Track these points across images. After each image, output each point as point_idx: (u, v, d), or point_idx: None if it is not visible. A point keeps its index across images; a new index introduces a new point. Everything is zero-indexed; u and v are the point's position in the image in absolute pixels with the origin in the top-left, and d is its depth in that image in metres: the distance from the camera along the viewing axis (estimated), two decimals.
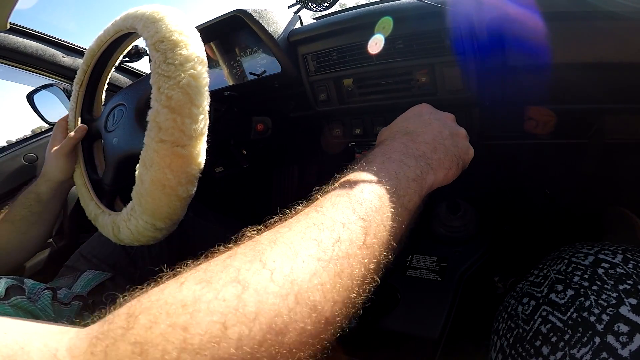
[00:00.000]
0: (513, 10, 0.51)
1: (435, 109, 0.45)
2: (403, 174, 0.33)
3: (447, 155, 0.38)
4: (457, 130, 0.42)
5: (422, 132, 0.39)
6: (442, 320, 0.67)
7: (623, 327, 0.34)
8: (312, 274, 0.22)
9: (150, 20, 0.47)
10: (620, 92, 0.53)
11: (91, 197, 0.60)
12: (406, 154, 0.35)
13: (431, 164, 0.36)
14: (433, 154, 0.37)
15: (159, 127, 0.42)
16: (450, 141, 0.40)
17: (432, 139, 0.38)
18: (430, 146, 0.37)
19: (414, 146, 0.37)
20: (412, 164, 0.34)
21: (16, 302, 0.42)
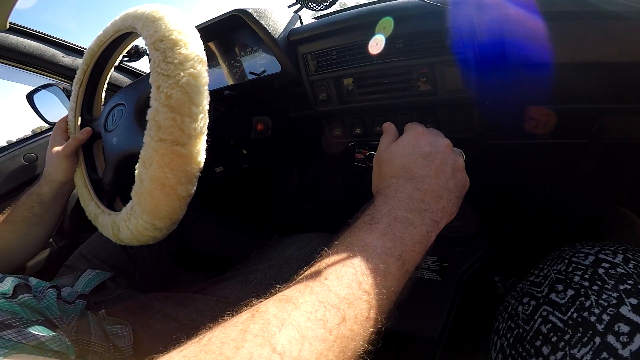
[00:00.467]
0: (513, 10, 0.51)
1: (432, 132, 0.43)
2: (409, 237, 0.32)
3: (451, 200, 0.37)
4: (457, 164, 0.40)
5: (426, 175, 0.37)
6: (442, 320, 0.67)
7: (623, 327, 0.34)
8: (318, 355, 0.23)
9: (149, 19, 0.47)
10: (621, 92, 0.53)
11: (91, 197, 0.60)
12: (412, 209, 0.34)
13: (435, 217, 0.35)
14: (437, 203, 0.36)
15: (159, 126, 0.42)
16: (453, 181, 0.38)
17: (437, 185, 0.37)
18: (435, 195, 0.36)
19: (419, 197, 0.35)
20: (417, 223, 0.33)
21: (24, 301, 0.42)
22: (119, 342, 0.49)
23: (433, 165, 0.38)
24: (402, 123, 0.71)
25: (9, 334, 0.35)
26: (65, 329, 0.43)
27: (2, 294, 0.42)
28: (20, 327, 0.37)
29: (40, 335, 0.38)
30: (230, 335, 0.23)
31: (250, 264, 0.65)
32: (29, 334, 0.37)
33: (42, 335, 0.38)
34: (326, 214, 1.20)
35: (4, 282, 0.45)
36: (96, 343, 0.46)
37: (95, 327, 0.48)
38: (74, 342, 0.42)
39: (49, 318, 0.43)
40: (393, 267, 0.30)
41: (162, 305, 0.57)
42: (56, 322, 0.43)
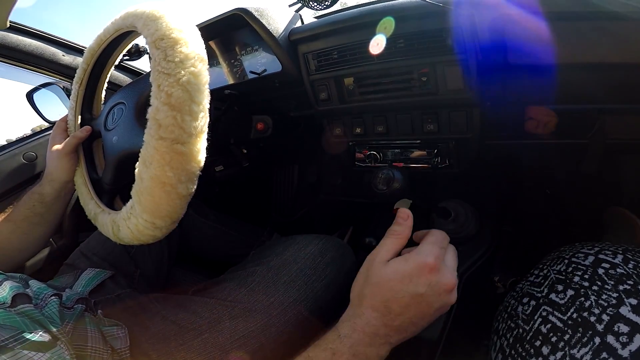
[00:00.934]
0: (514, 10, 0.51)
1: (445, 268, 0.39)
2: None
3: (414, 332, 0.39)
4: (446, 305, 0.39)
5: (402, 314, 0.37)
6: (442, 320, 0.67)
7: (623, 328, 0.34)
8: None
9: (150, 18, 0.47)
10: (622, 93, 0.53)
11: (91, 196, 0.60)
12: (372, 344, 0.37)
13: (392, 343, 0.38)
14: (399, 335, 0.38)
15: (159, 125, 0.42)
16: (426, 320, 0.38)
17: (408, 323, 0.37)
18: (401, 329, 0.38)
19: (385, 332, 0.37)
20: (373, 355, 0.37)
21: (24, 311, 0.41)
22: (115, 344, 0.49)
23: (418, 307, 0.37)
24: (403, 123, 0.72)
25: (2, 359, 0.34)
26: (62, 331, 0.43)
27: (1, 304, 0.41)
28: (17, 349, 0.36)
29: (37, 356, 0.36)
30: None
31: (248, 265, 0.65)
32: (25, 356, 0.35)
33: (39, 356, 0.36)
34: (326, 213, 1.20)
35: (1, 287, 0.44)
36: (93, 347, 0.46)
37: (92, 330, 0.48)
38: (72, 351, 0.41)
39: (50, 330, 0.41)
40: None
41: (160, 307, 0.57)
42: (57, 334, 0.41)
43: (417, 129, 0.71)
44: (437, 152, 0.72)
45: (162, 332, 0.52)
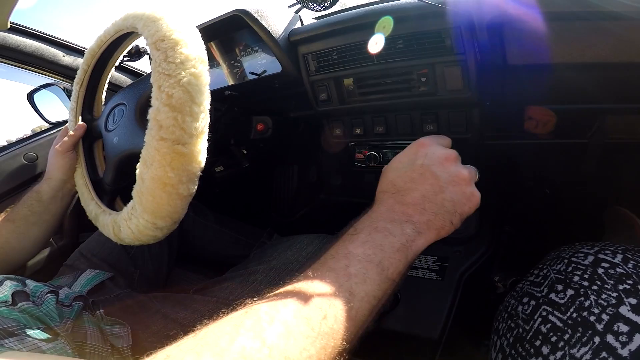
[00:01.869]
0: (514, 10, 0.51)
1: (435, 145, 0.41)
2: (388, 244, 0.33)
3: (438, 214, 0.36)
4: (456, 177, 0.38)
5: (411, 188, 0.37)
6: (442, 320, 0.67)
7: (623, 327, 0.34)
8: (302, 349, 0.26)
9: (150, 19, 0.47)
10: (621, 92, 0.53)
11: (92, 197, 0.60)
12: (392, 220, 0.35)
13: (419, 229, 0.35)
14: (421, 216, 0.36)
15: (160, 125, 0.42)
16: (443, 195, 0.37)
17: (421, 198, 0.37)
18: (418, 207, 0.36)
19: (401, 209, 0.36)
20: (397, 232, 0.34)
21: (24, 308, 0.42)
22: (117, 343, 0.49)
23: (422, 178, 0.38)
24: (402, 123, 0.72)
25: (11, 342, 0.35)
26: (62, 329, 0.43)
27: (3, 302, 0.42)
28: (22, 335, 0.37)
29: (41, 343, 0.38)
30: (225, 330, 0.26)
31: (249, 265, 0.65)
32: (31, 342, 0.37)
33: (43, 344, 0.38)
34: (326, 213, 1.20)
35: (1, 287, 0.45)
36: (92, 344, 0.46)
37: (92, 328, 0.48)
38: (73, 346, 0.42)
39: (50, 326, 0.43)
40: (372, 272, 0.32)
41: (161, 306, 0.57)
42: (57, 330, 0.42)
43: (416, 129, 0.71)
44: None
45: (163, 331, 0.52)
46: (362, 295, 0.30)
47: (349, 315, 0.29)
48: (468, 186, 0.38)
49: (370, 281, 0.31)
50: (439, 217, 0.36)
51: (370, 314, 0.31)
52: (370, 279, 0.31)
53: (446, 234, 0.37)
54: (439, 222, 0.36)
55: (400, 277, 0.34)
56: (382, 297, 0.32)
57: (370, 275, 0.31)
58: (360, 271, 0.31)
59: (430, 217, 0.36)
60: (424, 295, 0.73)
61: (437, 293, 0.72)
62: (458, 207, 0.37)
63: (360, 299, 0.30)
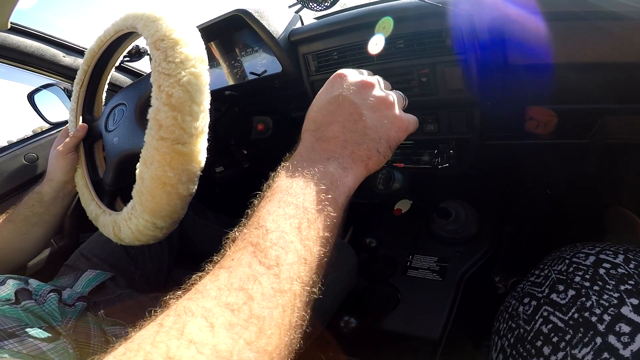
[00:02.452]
0: (514, 10, 0.51)
1: (355, 74, 0.38)
2: (311, 192, 0.30)
3: (362, 143, 0.34)
4: (376, 102, 0.36)
5: (330, 121, 0.35)
6: (443, 320, 0.67)
7: (624, 328, 0.34)
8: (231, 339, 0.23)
9: (150, 19, 0.47)
10: (622, 92, 0.53)
11: (92, 197, 0.60)
12: (312, 160, 0.32)
13: (343, 164, 0.32)
14: (344, 149, 0.33)
15: (160, 125, 0.42)
16: (364, 122, 0.34)
17: (341, 129, 0.34)
18: (338, 140, 0.34)
19: (321, 147, 0.34)
20: (319, 174, 0.31)
21: (27, 307, 0.43)
22: None
23: (340, 109, 0.35)
24: None
25: (10, 344, 0.35)
26: (64, 328, 0.43)
27: (6, 300, 0.42)
28: (23, 336, 0.37)
29: (42, 344, 0.38)
30: (148, 332, 0.24)
31: None
32: (31, 343, 0.37)
33: (44, 345, 0.38)
34: None
35: (4, 285, 0.45)
36: (96, 344, 0.46)
37: (95, 329, 0.48)
38: (75, 346, 0.42)
39: (52, 325, 0.43)
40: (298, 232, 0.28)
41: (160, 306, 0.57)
42: (59, 329, 0.42)
43: (417, 129, 0.71)
44: (437, 153, 0.72)
45: None
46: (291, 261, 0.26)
47: (280, 288, 0.25)
48: (390, 110, 0.36)
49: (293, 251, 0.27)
50: (362, 147, 0.34)
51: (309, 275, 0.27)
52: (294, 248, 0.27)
53: (375, 165, 0.34)
54: (364, 151, 0.34)
55: (335, 227, 0.30)
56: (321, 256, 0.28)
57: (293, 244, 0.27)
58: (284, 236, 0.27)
59: (354, 148, 0.33)
60: (425, 296, 0.72)
61: (437, 293, 0.72)
62: (382, 133, 0.35)
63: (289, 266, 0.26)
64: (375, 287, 0.77)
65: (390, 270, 0.80)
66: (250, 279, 0.25)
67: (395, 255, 0.82)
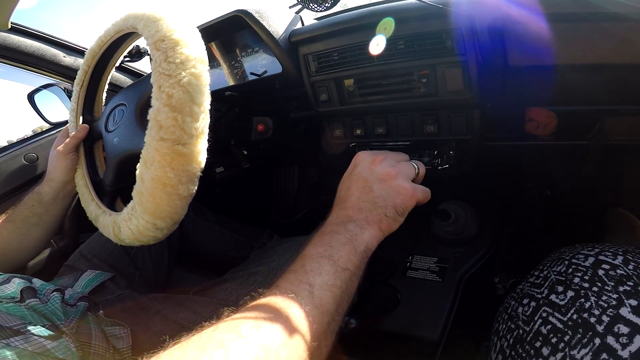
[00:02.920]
0: (515, 11, 0.51)
1: (367, 155, 0.48)
2: (335, 241, 0.39)
3: (372, 210, 0.42)
4: (382, 175, 0.44)
5: (348, 195, 0.44)
6: (442, 321, 0.67)
7: (623, 329, 0.34)
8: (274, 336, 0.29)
9: (151, 19, 0.47)
10: (622, 94, 0.53)
11: (92, 198, 0.60)
12: (336, 223, 0.41)
13: (360, 225, 0.41)
14: (359, 214, 0.42)
15: (160, 126, 0.42)
16: (373, 193, 0.43)
17: (356, 200, 0.43)
18: (355, 209, 0.42)
19: (343, 214, 0.42)
20: (341, 230, 0.40)
21: (31, 305, 0.43)
22: (117, 344, 0.49)
23: (353, 184, 0.45)
24: (403, 124, 0.72)
25: (17, 341, 0.36)
26: (67, 327, 0.43)
27: (11, 298, 0.42)
28: (28, 334, 0.38)
29: (46, 342, 0.38)
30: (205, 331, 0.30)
31: (250, 266, 0.65)
32: (36, 341, 0.37)
33: (48, 342, 0.38)
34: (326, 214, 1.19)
35: (10, 283, 0.45)
36: (97, 345, 0.46)
37: (96, 329, 0.48)
38: (78, 345, 0.42)
39: (56, 323, 0.43)
40: (326, 265, 0.37)
41: (161, 307, 0.57)
42: (63, 328, 0.43)
43: (417, 130, 0.71)
44: (437, 154, 0.72)
45: (163, 332, 0.52)
46: (321, 284, 0.35)
47: (313, 303, 0.33)
48: (394, 180, 0.44)
49: (325, 272, 0.36)
50: (373, 213, 0.42)
51: (336, 301, 0.35)
52: (324, 270, 0.36)
53: (388, 227, 0.42)
54: (375, 216, 0.42)
55: (356, 268, 0.38)
56: (343, 287, 0.36)
57: (324, 267, 0.36)
58: (314, 267, 0.36)
59: (367, 214, 0.42)
60: (424, 297, 0.73)
61: (437, 294, 0.72)
62: (389, 201, 0.43)
63: (320, 288, 0.35)
64: (375, 288, 0.77)
65: (390, 271, 0.80)
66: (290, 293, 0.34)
67: (395, 256, 0.82)
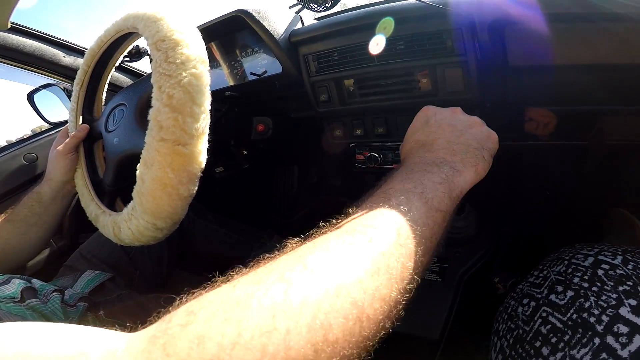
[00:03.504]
0: (515, 12, 0.51)
1: (439, 107, 0.45)
2: (428, 179, 0.34)
3: (469, 152, 0.38)
4: (469, 121, 0.42)
5: (435, 139, 0.40)
6: (442, 321, 0.67)
7: (623, 328, 0.34)
8: (349, 271, 0.24)
9: (151, 19, 0.47)
10: (622, 94, 0.53)
11: (92, 198, 0.60)
12: (426, 163, 0.36)
13: (455, 167, 0.36)
14: (453, 156, 0.37)
15: (160, 126, 0.42)
16: (466, 137, 0.40)
17: (447, 143, 0.39)
18: (447, 150, 0.38)
19: (432, 155, 0.37)
20: (435, 170, 0.35)
21: (32, 305, 0.43)
22: None
23: (439, 129, 0.41)
24: (403, 124, 0.72)
25: None
26: None
27: (11, 298, 0.43)
28: None
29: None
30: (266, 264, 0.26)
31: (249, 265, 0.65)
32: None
33: None
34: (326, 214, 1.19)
35: (10, 284, 0.45)
36: None
37: None
38: None
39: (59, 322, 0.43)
40: (417, 202, 0.31)
41: (160, 307, 0.57)
42: None
43: None
44: None
45: None
46: (409, 222, 0.29)
47: (399, 242, 0.27)
48: (482, 126, 0.42)
49: (415, 209, 0.30)
50: (470, 155, 0.38)
51: (424, 245, 0.29)
52: (415, 207, 0.30)
53: (483, 171, 0.38)
54: (472, 159, 0.38)
55: (448, 212, 0.33)
56: (434, 228, 0.31)
57: (414, 204, 0.30)
58: (402, 201, 0.30)
59: (463, 156, 0.37)
60: (424, 296, 0.72)
61: (437, 294, 0.72)
62: (484, 144, 0.40)
63: (406, 226, 0.28)
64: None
65: None
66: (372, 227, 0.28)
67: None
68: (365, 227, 0.27)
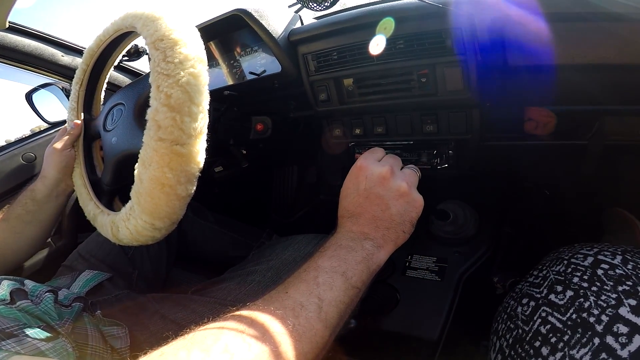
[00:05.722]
0: (515, 11, 0.51)
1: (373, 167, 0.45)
2: (351, 258, 0.38)
3: (391, 228, 0.41)
4: (397, 191, 0.43)
5: (361, 212, 0.42)
6: (442, 320, 0.67)
7: (622, 328, 0.34)
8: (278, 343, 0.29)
9: (149, 19, 0.47)
10: (621, 94, 0.53)
11: (90, 197, 0.60)
12: (352, 239, 0.40)
13: (377, 243, 0.40)
14: (376, 232, 0.41)
15: (158, 126, 0.42)
16: (390, 211, 0.42)
17: (372, 218, 0.42)
18: (372, 226, 0.41)
19: (358, 230, 0.41)
20: (358, 248, 0.39)
21: (23, 307, 0.43)
22: (115, 344, 0.49)
23: (368, 201, 0.43)
24: (402, 123, 0.72)
25: (9, 344, 0.35)
26: (63, 328, 0.43)
27: (1, 300, 0.42)
28: (21, 336, 0.37)
29: (40, 344, 0.38)
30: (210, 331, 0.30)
31: (248, 265, 0.65)
32: (29, 343, 0.37)
33: (42, 344, 0.38)
34: (325, 214, 1.20)
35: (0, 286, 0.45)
36: (94, 345, 0.46)
37: (92, 329, 0.48)
38: (75, 345, 0.42)
39: (50, 324, 0.43)
40: (338, 281, 0.36)
41: (159, 306, 0.57)
42: (58, 328, 0.42)
43: (416, 130, 0.71)
44: (436, 153, 0.72)
45: (162, 331, 0.52)
46: (330, 300, 0.34)
47: (319, 317, 0.33)
48: (409, 195, 0.43)
49: (336, 288, 0.35)
50: (391, 231, 0.41)
51: (340, 317, 0.35)
52: (336, 286, 0.35)
53: (402, 241, 0.42)
54: (393, 234, 0.41)
55: (363, 286, 0.38)
56: (349, 303, 0.36)
57: (336, 283, 0.36)
58: (327, 280, 0.36)
59: (384, 232, 0.41)
60: (424, 296, 0.73)
61: (436, 294, 0.72)
62: (406, 216, 0.43)
63: (329, 304, 0.34)
64: (375, 288, 0.77)
65: (389, 271, 0.80)
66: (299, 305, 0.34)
67: (394, 255, 0.82)
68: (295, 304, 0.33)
